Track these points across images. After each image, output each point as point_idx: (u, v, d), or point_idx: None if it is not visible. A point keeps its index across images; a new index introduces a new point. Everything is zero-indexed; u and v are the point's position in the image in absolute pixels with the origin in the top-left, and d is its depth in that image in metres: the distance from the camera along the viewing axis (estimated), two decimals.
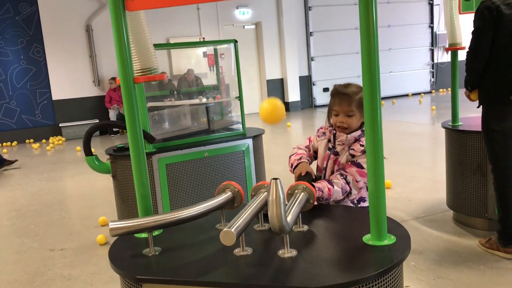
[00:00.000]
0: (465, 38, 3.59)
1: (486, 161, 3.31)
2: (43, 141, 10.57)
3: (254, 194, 1.80)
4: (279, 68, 12.60)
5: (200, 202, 1.68)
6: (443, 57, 14.36)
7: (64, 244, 4.00)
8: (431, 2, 13.96)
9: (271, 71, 12.52)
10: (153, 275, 1.44)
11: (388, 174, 1.58)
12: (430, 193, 4.57)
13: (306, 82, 12.91)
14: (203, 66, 11.52)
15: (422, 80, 14.27)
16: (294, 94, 12.63)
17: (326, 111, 2.28)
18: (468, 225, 3.61)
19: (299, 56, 12.64)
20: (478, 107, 3.13)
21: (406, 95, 13.80)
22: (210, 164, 3.83)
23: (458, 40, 3.66)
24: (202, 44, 9.24)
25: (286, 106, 12.59)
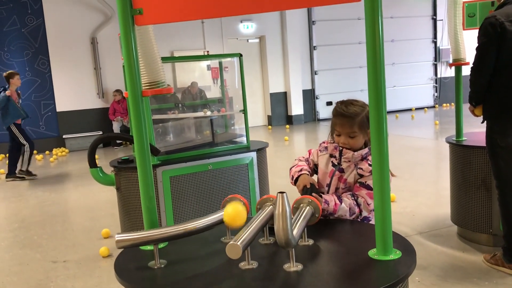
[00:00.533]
0: (469, 54, 3.61)
1: (490, 176, 3.31)
2: (47, 152, 10.60)
3: (259, 207, 1.81)
4: (283, 81, 12.65)
5: (206, 215, 1.68)
6: (447, 72, 14.41)
7: (67, 256, 4.00)
8: (435, 17, 14.05)
9: (275, 85, 12.58)
10: None
11: (392, 188, 1.58)
12: (434, 208, 4.56)
13: (310, 96, 12.95)
14: (207, 79, 11.59)
15: (426, 94, 14.30)
16: (297, 108, 12.67)
17: (330, 125, 2.26)
18: (472, 240, 3.59)
19: (303, 69, 12.70)
20: (482, 123, 3.13)
21: (410, 110, 13.82)
22: (214, 177, 3.84)
23: (462, 55, 3.68)
24: (207, 58, 9.31)
25: (289, 120, 12.63)
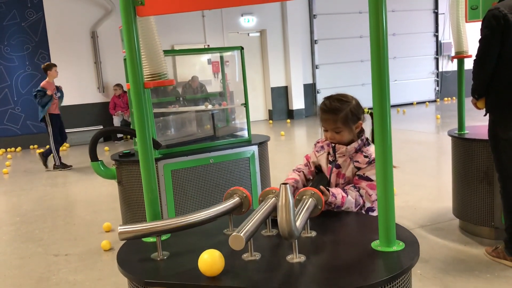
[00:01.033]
0: (471, 46, 3.59)
1: (492, 169, 3.30)
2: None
3: (262, 199, 1.80)
4: (284, 75, 12.62)
5: (208, 207, 1.68)
6: (448, 66, 14.38)
7: (68, 249, 4.00)
8: (436, 11, 13.99)
9: (276, 79, 12.55)
10: (162, 279, 1.43)
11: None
12: (435, 201, 4.55)
13: (311, 90, 12.93)
14: (208, 73, 11.57)
15: (427, 88, 14.27)
16: (298, 102, 12.65)
17: None
18: (474, 234, 3.59)
19: (304, 64, 12.67)
20: (485, 115, 3.12)
21: (411, 104, 13.79)
22: (215, 170, 3.83)
23: (465, 48, 3.66)
24: (208, 51, 9.28)
25: (291, 114, 12.62)
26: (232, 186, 3.79)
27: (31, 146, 10.65)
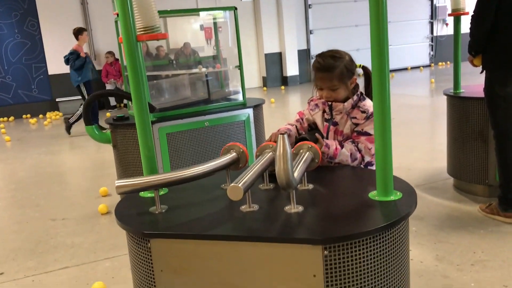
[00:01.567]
0: (468, 3, 3.54)
1: (487, 127, 3.31)
2: (40, 116, 10.52)
3: (259, 154, 1.80)
4: (278, 41, 12.46)
5: (205, 162, 1.67)
6: (443, 30, 14.24)
7: (65, 214, 4.01)
8: None
9: (269, 45, 12.40)
10: (160, 230, 1.44)
11: None
12: (430, 162, 4.58)
13: (305, 56, 12.81)
14: (200, 40, 11.38)
15: (421, 53, 14.18)
16: (292, 68, 12.54)
17: None
18: (468, 192, 3.63)
19: (298, 29, 12.50)
20: (481, 73, 3.10)
21: (405, 69, 13.72)
22: (210, 134, 3.82)
23: (462, 5, 3.61)
24: (200, 11, 9.11)
25: (285, 81, 12.53)
26: None
27: (24, 116, 10.55)
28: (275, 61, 12.53)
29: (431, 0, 13.97)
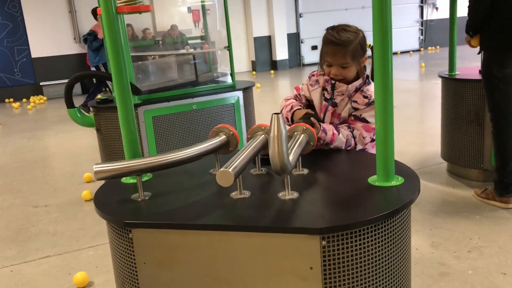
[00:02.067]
0: None
1: (483, 110, 3.23)
2: (24, 100, 10.24)
3: (250, 137, 1.67)
4: (267, 25, 12.25)
5: (192, 145, 1.55)
6: (433, 14, 14.12)
7: (48, 200, 3.87)
8: None
9: (258, 28, 12.18)
10: (143, 219, 1.32)
11: None
12: (423, 146, 4.51)
13: (294, 40, 12.62)
14: (188, 23, 11.15)
15: (411, 37, 14.05)
16: (282, 52, 12.34)
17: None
18: (463, 176, 3.55)
19: (287, 12, 12.28)
20: (478, 53, 3.01)
21: (395, 53, 13.62)
22: (198, 117, 3.68)
23: None
24: None
25: (274, 65, 12.35)
26: None
27: (7, 100, 10.27)
28: (264, 45, 12.33)
29: None
